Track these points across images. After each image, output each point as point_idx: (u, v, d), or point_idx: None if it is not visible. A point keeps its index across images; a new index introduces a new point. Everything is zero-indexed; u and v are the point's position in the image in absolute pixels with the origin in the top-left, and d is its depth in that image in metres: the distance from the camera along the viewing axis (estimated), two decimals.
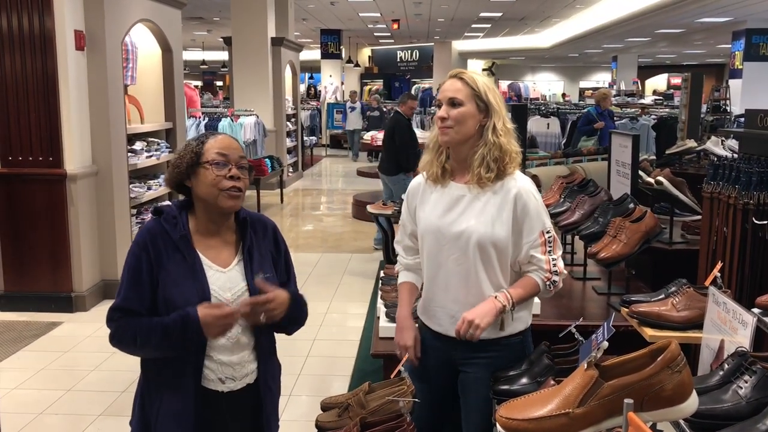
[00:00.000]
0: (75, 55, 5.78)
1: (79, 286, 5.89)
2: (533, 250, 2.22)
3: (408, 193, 2.45)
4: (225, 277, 2.03)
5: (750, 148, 3.46)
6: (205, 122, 9.96)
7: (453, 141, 2.24)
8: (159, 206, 2.07)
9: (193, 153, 2.01)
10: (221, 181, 1.98)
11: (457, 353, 2.28)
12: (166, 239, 2.00)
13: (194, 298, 1.95)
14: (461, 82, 2.24)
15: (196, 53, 28.25)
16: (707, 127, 9.47)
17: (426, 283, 2.35)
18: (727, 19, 15.32)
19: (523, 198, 2.21)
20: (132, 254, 2.02)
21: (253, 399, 2.09)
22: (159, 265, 1.98)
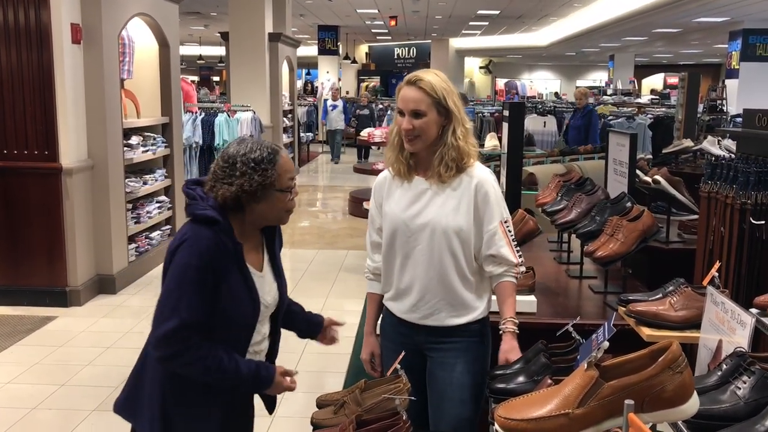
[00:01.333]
0: (71, 48, 5.75)
1: (74, 281, 5.87)
2: (498, 248, 2.32)
3: (374, 188, 2.54)
4: (264, 282, 2.13)
5: (748, 147, 3.46)
6: (201, 117, 9.91)
7: (420, 148, 2.35)
8: (209, 215, 1.97)
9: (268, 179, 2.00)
10: (289, 204, 2.10)
11: (420, 338, 2.40)
12: (224, 251, 1.97)
13: (249, 309, 2.05)
14: (420, 90, 2.29)
15: (193, 48, 28.18)
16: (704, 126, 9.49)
17: (394, 273, 2.43)
18: (724, 19, 15.34)
19: (483, 188, 2.33)
20: (193, 268, 1.93)
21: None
22: (221, 278, 1.96)
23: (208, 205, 1.99)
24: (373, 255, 2.56)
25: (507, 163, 4.65)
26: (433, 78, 2.32)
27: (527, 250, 3.79)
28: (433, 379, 2.41)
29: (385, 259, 2.46)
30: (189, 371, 1.98)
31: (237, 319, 2.03)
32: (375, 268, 2.55)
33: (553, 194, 4.06)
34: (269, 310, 2.17)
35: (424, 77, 2.32)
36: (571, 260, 3.82)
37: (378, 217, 2.51)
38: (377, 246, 2.52)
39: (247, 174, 1.98)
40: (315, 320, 2.46)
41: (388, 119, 15.91)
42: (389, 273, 2.46)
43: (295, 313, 2.43)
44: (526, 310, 2.93)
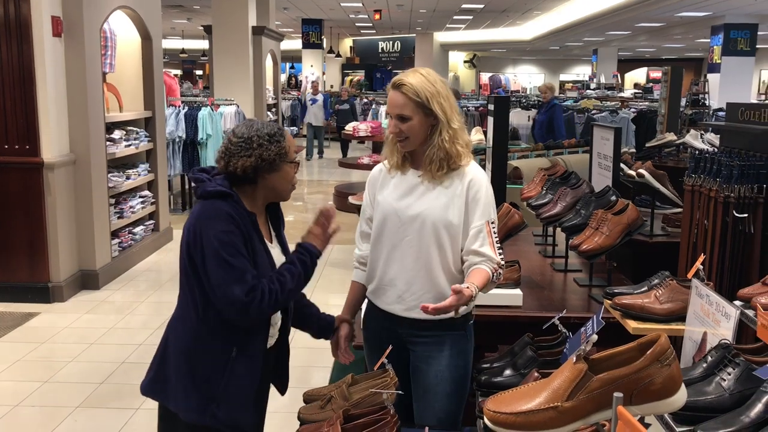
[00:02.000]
0: (52, 41, 5.68)
1: (57, 276, 5.82)
2: (481, 245, 2.32)
3: (369, 179, 2.56)
4: (275, 252, 2.29)
5: (731, 141, 3.48)
6: (184, 111, 9.83)
7: (410, 148, 2.39)
8: (220, 189, 2.13)
9: (282, 149, 2.18)
10: (294, 178, 2.27)
11: (403, 331, 2.41)
12: (245, 220, 2.13)
13: (268, 273, 2.17)
14: (403, 95, 2.31)
15: (175, 41, 27.96)
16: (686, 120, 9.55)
17: (379, 263, 2.44)
18: (706, 13, 15.45)
19: (475, 187, 2.35)
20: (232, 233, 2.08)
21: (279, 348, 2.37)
22: (249, 243, 2.13)
23: (217, 183, 2.14)
24: (361, 244, 2.57)
25: (492, 157, 4.66)
26: (418, 80, 2.32)
27: (512, 244, 3.81)
28: (418, 373, 2.41)
29: (372, 248, 2.47)
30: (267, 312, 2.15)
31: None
32: (360, 256, 2.56)
33: (538, 188, 4.08)
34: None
35: (407, 81, 2.32)
36: (555, 254, 3.84)
37: (370, 208, 2.52)
38: (366, 236, 2.53)
39: (264, 146, 2.15)
40: (327, 320, 2.53)
41: (373, 113, 15.87)
42: (375, 262, 2.46)
43: (311, 314, 2.53)
44: (512, 303, 2.95)
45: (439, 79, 2.38)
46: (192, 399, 2.15)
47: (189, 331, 2.18)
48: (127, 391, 4.23)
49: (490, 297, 2.87)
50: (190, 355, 2.17)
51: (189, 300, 2.17)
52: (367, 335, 2.58)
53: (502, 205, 3.47)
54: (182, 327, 2.20)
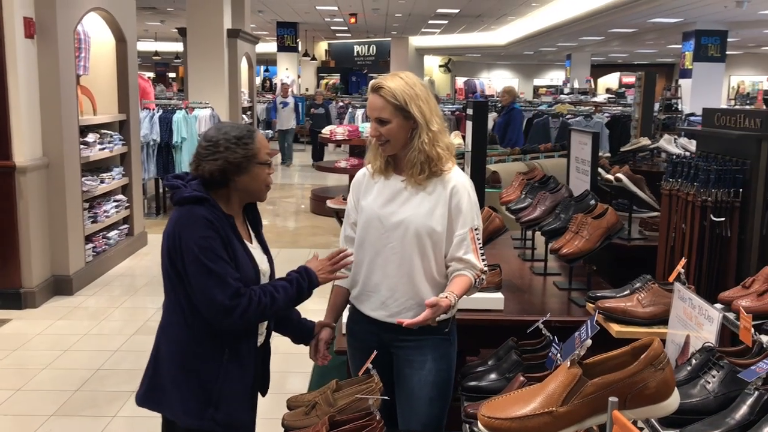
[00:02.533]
0: (24, 43, 5.59)
1: (29, 282, 5.71)
2: (465, 253, 2.32)
3: (353, 184, 2.56)
4: (257, 252, 2.30)
5: (707, 146, 3.53)
6: (159, 114, 9.73)
7: (392, 152, 2.38)
8: (194, 195, 2.14)
9: (248, 150, 2.17)
10: (268, 179, 2.26)
11: (387, 336, 2.39)
12: (223, 223, 2.15)
13: (252, 274, 2.21)
14: (382, 99, 2.31)
15: (148, 44, 27.69)
16: (659, 125, 9.67)
17: (362, 269, 2.43)
18: (677, 20, 15.69)
19: (458, 194, 2.34)
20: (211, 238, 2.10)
21: (263, 350, 2.39)
22: (229, 246, 2.14)
23: (192, 188, 2.15)
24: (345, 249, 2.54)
25: (471, 161, 4.66)
26: (397, 84, 2.31)
27: (492, 248, 3.82)
28: (401, 378, 2.41)
29: (355, 254, 2.46)
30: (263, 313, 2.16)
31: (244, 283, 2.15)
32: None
33: (517, 192, 4.10)
34: (266, 278, 2.32)
35: (385, 84, 2.32)
36: (535, 257, 3.86)
37: (354, 212, 2.51)
38: (350, 240, 2.52)
39: (231, 149, 2.16)
40: (308, 326, 2.53)
41: (349, 116, 15.85)
42: (358, 269, 2.45)
43: (292, 319, 2.52)
44: (494, 307, 2.95)
45: (418, 82, 2.37)
46: (189, 404, 2.16)
47: (179, 337, 2.18)
48: (103, 398, 4.16)
49: (471, 301, 2.87)
50: (182, 361, 2.17)
51: (175, 306, 2.17)
52: (351, 340, 2.57)
53: (483, 209, 3.48)
54: (172, 333, 2.20)
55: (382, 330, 2.40)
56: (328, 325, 2.51)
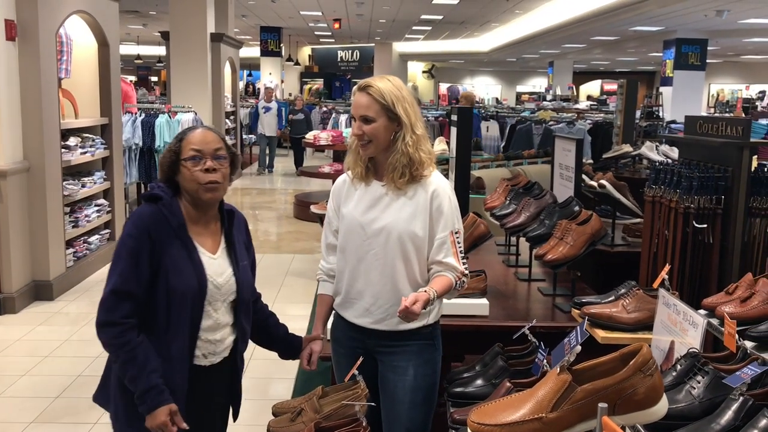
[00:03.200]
0: (5, 45, 5.53)
1: (9, 287, 5.64)
2: (445, 256, 2.33)
3: (333, 191, 2.55)
4: (216, 263, 2.20)
5: (690, 153, 3.56)
6: (141, 118, 9.66)
7: (373, 153, 2.38)
8: (153, 192, 2.14)
9: (173, 152, 2.15)
10: (199, 176, 2.12)
11: (371, 342, 2.40)
12: (165, 226, 2.09)
13: (194, 284, 2.10)
14: (369, 97, 2.32)
15: (131, 47, 27.53)
16: (641, 132, 9.75)
17: (345, 276, 2.43)
18: (658, 28, 15.86)
19: (439, 198, 2.35)
20: (131, 237, 2.07)
21: (229, 371, 2.29)
22: (161, 251, 2.07)
23: (161, 189, 2.16)
24: (327, 257, 2.55)
25: (456, 167, 4.68)
26: (384, 84, 2.34)
27: (476, 254, 3.82)
28: (386, 383, 2.40)
29: (338, 261, 2.46)
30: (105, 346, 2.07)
31: (180, 294, 2.08)
32: (329, 269, 2.53)
33: (502, 198, 4.10)
34: (222, 293, 2.19)
35: (374, 84, 2.34)
36: (519, 263, 3.87)
37: (335, 219, 2.50)
38: (332, 248, 2.51)
39: (163, 153, 2.20)
40: (296, 341, 2.50)
41: (333, 122, 15.81)
42: (340, 277, 2.45)
43: (279, 334, 2.49)
44: (479, 313, 2.96)
45: (404, 86, 2.40)
46: (121, 411, 2.14)
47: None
48: (83, 405, 4.11)
49: (456, 307, 2.88)
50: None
51: None
52: (335, 347, 2.55)
53: (468, 215, 3.48)
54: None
55: (366, 336, 2.40)
56: (318, 338, 2.49)
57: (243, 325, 2.29)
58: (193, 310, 2.12)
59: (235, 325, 2.27)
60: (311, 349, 2.46)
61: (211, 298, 2.17)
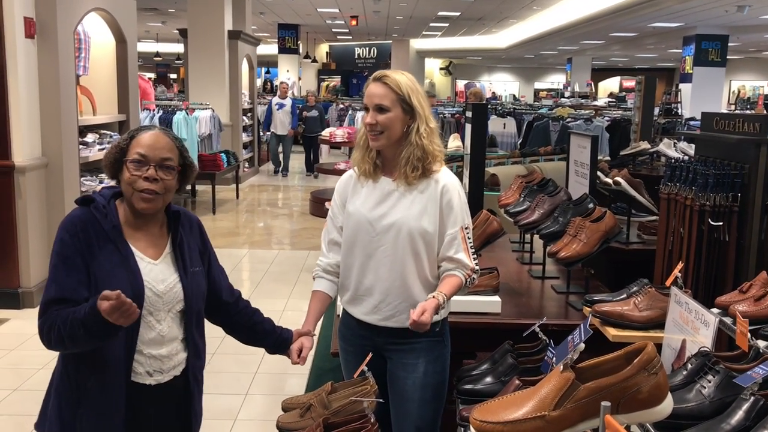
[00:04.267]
0: (24, 43, 5.59)
1: (27, 282, 5.71)
2: (455, 252, 2.32)
3: (338, 186, 2.51)
4: (157, 269, 2.01)
5: (706, 150, 3.52)
6: (159, 115, 9.76)
7: (384, 145, 2.34)
8: (88, 195, 2.00)
9: (119, 149, 1.99)
10: (136, 181, 1.95)
11: (380, 340, 2.38)
12: (97, 229, 1.94)
13: (128, 290, 1.87)
14: (385, 87, 2.31)
15: (150, 45, 27.72)
16: (659, 129, 9.67)
17: (353, 273, 2.40)
18: (678, 24, 15.70)
19: (449, 193, 2.33)
20: (61, 241, 1.92)
21: (180, 391, 2.08)
22: (91, 255, 1.91)
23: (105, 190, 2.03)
24: (328, 253, 2.50)
25: (470, 164, 4.66)
26: (400, 76, 2.34)
27: (490, 251, 3.81)
28: (395, 380, 2.40)
29: (344, 258, 2.43)
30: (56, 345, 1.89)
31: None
32: (328, 264, 2.48)
33: (516, 195, 4.08)
34: (164, 301, 2.00)
35: (390, 75, 2.34)
36: (533, 260, 3.85)
37: (340, 215, 2.47)
38: (335, 244, 2.48)
39: (111, 146, 2.03)
40: (285, 336, 2.35)
41: (350, 119, 15.82)
42: (348, 273, 2.42)
43: (265, 330, 2.33)
44: (491, 310, 2.94)
45: (417, 81, 2.40)
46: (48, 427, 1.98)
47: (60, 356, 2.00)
48: None
49: (468, 304, 2.87)
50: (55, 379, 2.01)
51: None
52: (343, 345, 2.54)
53: (481, 212, 3.47)
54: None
55: (375, 334, 2.39)
56: (308, 333, 2.38)
57: (195, 339, 2.09)
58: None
59: (186, 339, 2.07)
60: (302, 344, 2.32)
61: (152, 308, 1.97)
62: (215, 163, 10.30)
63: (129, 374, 1.95)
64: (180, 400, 2.08)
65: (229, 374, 4.53)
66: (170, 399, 2.05)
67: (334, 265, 2.47)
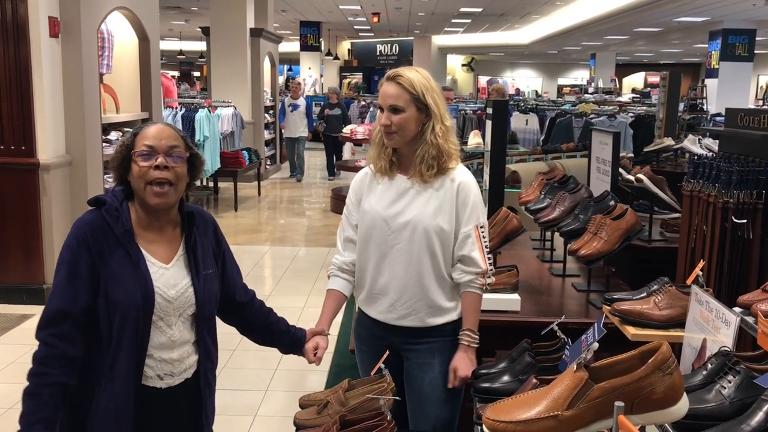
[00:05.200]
0: (49, 42, 5.66)
1: (51, 278, 5.75)
2: (470, 251, 2.32)
3: (354, 184, 2.50)
4: (168, 274, 1.98)
5: (730, 147, 3.47)
6: (181, 113, 9.82)
7: (398, 144, 2.34)
8: (99, 196, 1.95)
9: (126, 147, 1.94)
10: (147, 172, 1.91)
11: (396, 339, 2.38)
12: (107, 233, 1.89)
13: (138, 296, 1.88)
14: (399, 87, 2.29)
15: (173, 43, 27.95)
16: (684, 125, 9.54)
17: (368, 272, 2.39)
18: (704, 19, 15.49)
19: (464, 191, 2.34)
20: (68, 248, 1.88)
21: (191, 393, 2.05)
22: (101, 261, 1.87)
23: (113, 193, 1.97)
24: (343, 251, 2.48)
25: (490, 161, 4.64)
26: (414, 75, 2.32)
27: (510, 248, 3.79)
28: (412, 380, 2.39)
29: (359, 257, 2.42)
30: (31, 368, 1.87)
31: (122, 309, 1.87)
32: (343, 262, 2.47)
33: (537, 192, 4.06)
34: (175, 307, 1.97)
35: (404, 74, 2.31)
36: (554, 258, 3.82)
37: (355, 213, 2.46)
38: (350, 242, 2.47)
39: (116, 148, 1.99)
40: (299, 335, 2.33)
41: (371, 116, 15.83)
42: (363, 272, 2.42)
43: (279, 330, 2.31)
44: (510, 308, 2.93)
45: (432, 78, 2.38)
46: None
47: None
48: None
49: (488, 302, 2.84)
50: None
51: None
52: (359, 344, 2.54)
53: (501, 210, 3.45)
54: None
55: (391, 333, 2.39)
56: (322, 333, 2.35)
57: (206, 341, 2.06)
58: (138, 325, 1.89)
59: (197, 342, 2.04)
60: (317, 343, 2.30)
61: (162, 313, 1.94)
62: (237, 160, 10.36)
63: (139, 379, 1.93)
64: (191, 401, 2.05)
65: (249, 371, 4.56)
66: (181, 401, 2.03)
67: (350, 264, 2.46)
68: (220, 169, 10.10)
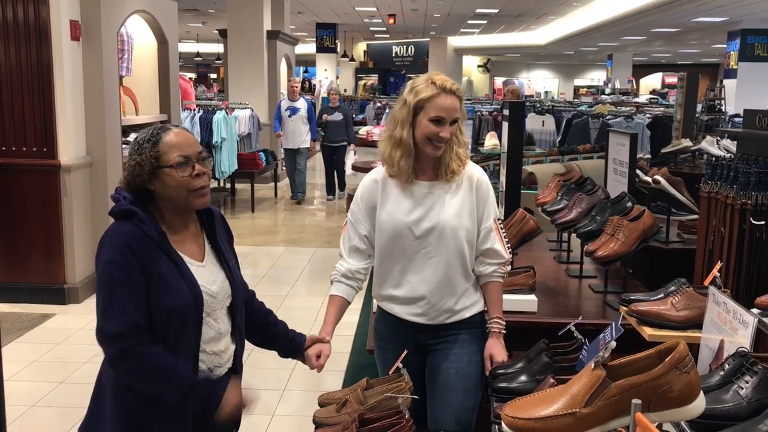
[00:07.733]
0: (70, 45, 5.74)
1: (72, 278, 5.86)
2: (492, 243, 2.40)
3: (362, 193, 2.46)
4: (206, 271, 2.02)
5: (748, 148, 3.45)
6: (199, 114, 9.90)
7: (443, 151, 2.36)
8: (124, 207, 1.93)
9: (152, 157, 1.92)
10: (189, 182, 1.94)
11: (423, 336, 2.42)
12: (147, 242, 1.90)
13: (189, 299, 1.92)
14: (457, 99, 2.32)
15: (190, 45, 28.15)
16: (702, 126, 9.48)
17: (392, 276, 2.41)
18: (722, 19, 15.36)
19: (482, 187, 2.40)
20: (117, 264, 1.87)
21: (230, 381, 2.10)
22: (148, 271, 1.88)
23: (127, 201, 1.95)
24: (348, 258, 2.47)
25: (507, 163, 4.65)
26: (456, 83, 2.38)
27: (527, 250, 3.80)
28: (437, 372, 2.41)
29: (381, 263, 2.42)
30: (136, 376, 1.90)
31: (177, 313, 1.90)
32: (348, 269, 2.46)
33: (553, 194, 4.06)
34: (218, 300, 2.03)
35: (455, 85, 2.35)
36: (570, 260, 3.83)
37: (364, 222, 2.44)
38: (357, 251, 2.46)
39: (132, 156, 1.96)
40: (298, 340, 2.33)
41: (386, 117, 15.82)
42: (386, 277, 2.42)
43: (278, 332, 2.32)
44: (527, 309, 2.94)
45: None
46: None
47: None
48: None
49: (505, 303, 2.86)
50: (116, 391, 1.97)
51: None
52: (381, 344, 2.56)
53: (517, 211, 3.46)
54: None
55: (418, 331, 2.42)
56: (324, 340, 2.35)
57: (240, 328, 2.14)
58: (193, 324, 1.95)
59: (233, 331, 2.11)
60: (320, 350, 2.30)
61: (209, 309, 2.00)
62: (254, 162, 10.42)
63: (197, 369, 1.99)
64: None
65: (267, 370, 4.59)
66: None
67: (354, 271, 2.46)
68: (237, 171, 10.17)
